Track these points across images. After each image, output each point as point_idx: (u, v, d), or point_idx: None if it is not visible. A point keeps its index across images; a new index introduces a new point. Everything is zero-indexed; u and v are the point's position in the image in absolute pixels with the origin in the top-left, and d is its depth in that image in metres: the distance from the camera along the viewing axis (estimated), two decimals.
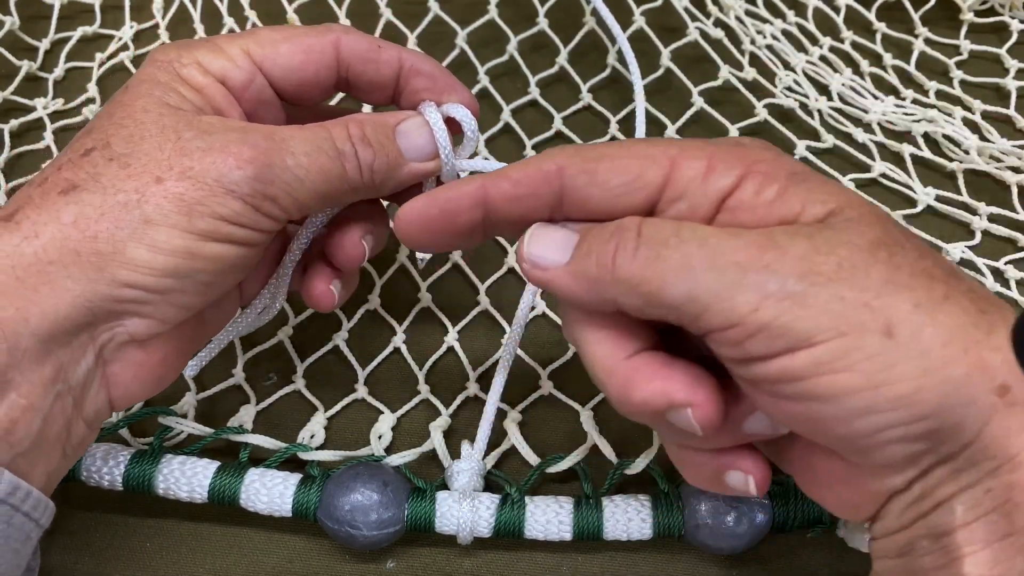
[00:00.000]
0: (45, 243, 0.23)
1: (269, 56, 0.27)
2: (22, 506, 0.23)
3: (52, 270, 0.23)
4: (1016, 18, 0.54)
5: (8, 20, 0.50)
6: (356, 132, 0.27)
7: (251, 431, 0.34)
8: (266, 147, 0.25)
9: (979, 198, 0.44)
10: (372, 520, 0.30)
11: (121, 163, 0.24)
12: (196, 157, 0.24)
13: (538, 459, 0.33)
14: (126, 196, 0.23)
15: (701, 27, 0.50)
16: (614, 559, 0.32)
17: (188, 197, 0.24)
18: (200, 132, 0.25)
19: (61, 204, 0.23)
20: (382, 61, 0.28)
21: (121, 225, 0.23)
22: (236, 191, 0.24)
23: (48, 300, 0.23)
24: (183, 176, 0.24)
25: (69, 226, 0.23)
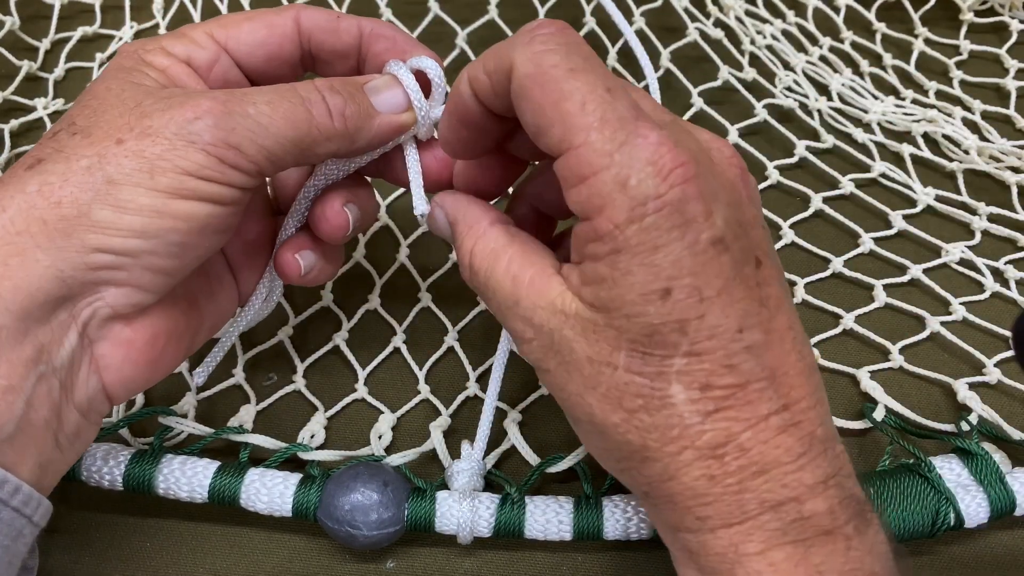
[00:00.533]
0: (12, 215, 0.23)
1: (232, 35, 0.28)
2: (11, 501, 0.22)
3: (20, 240, 0.22)
4: (1016, 18, 0.54)
5: (8, 20, 0.50)
6: (322, 84, 0.27)
7: (251, 431, 0.34)
8: (225, 98, 0.25)
9: (979, 198, 0.44)
10: (372, 520, 0.30)
11: (84, 134, 0.24)
12: (155, 116, 0.24)
13: (538, 459, 0.33)
14: (88, 160, 0.23)
15: (701, 27, 0.50)
16: (614, 559, 0.32)
17: (148, 153, 0.23)
18: (162, 98, 0.25)
19: (26, 177, 0.23)
20: (342, 30, 0.29)
21: (84, 188, 0.23)
22: (197, 141, 0.24)
23: (19, 272, 0.22)
24: (143, 134, 0.24)
25: (34, 195, 0.23)
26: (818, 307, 0.40)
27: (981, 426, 0.34)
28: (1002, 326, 0.39)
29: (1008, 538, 0.33)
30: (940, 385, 0.37)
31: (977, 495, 0.31)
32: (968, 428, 0.34)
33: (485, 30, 0.50)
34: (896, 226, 0.43)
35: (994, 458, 0.32)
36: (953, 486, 0.31)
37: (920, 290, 0.41)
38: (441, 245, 0.42)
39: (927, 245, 0.42)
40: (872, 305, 0.40)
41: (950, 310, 0.40)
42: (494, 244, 0.25)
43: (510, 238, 0.25)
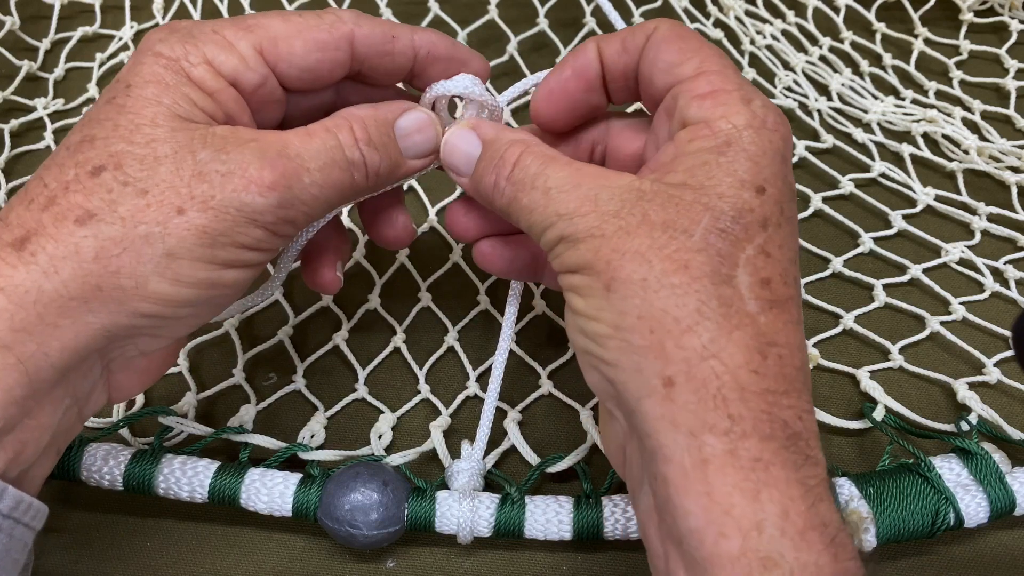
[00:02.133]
0: (66, 279, 0.22)
1: (284, 57, 0.26)
2: (23, 518, 0.23)
3: (73, 305, 0.22)
4: (1016, 18, 0.54)
5: (8, 20, 0.50)
6: (362, 135, 0.26)
7: (251, 431, 0.34)
8: (284, 169, 0.24)
9: (979, 198, 0.44)
10: (372, 520, 0.30)
11: (138, 190, 0.23)
12: (216, 183, 0.23)
13: (538, 459, 0.33)
14: (147, 228, 0.23)
15: (700, 28, 0.50)
16: (614, 559, 0.32)
17: (211, 228, 0.23)
18: (216, 151, 0.24)
19: (79, 236, 0.22)
20: (397, 52, 0.27)
21: (143, 259, 0.23)
22: (259, 220, 0.24)
23: (68, 333, 0.22)
24: (205, 206, 0.23)
25: (90, 262, 0.22)
26: (818, 307, 0.40)
27: (981, 426, 0.34)
28: (1002, 326, 0.39)
29: (1008, 538, 0.33)
30: (940, 385, 0.37)
31: (977, 495, 0.31)
32: (968, 428, 0.34)
33: (485, 30, 0.50)
34: (896, 226, 0.43)
35: (994, 458, 0.32)
36: (953, 486, 0.31)
37: (920, 290, 0.41)
38: (441, 245, 0.42)
39: (927, 245, 0.42)
40: (872, 305, 0.40)
41: (950, 310, 0.40)
42: (548, 150, 0.26)
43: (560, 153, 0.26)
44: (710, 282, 0.22)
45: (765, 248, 0.22)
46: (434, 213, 0.43)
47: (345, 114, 0.27)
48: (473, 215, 0.30)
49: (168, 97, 0.24)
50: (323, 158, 0.25)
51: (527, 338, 0.38)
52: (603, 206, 0.23)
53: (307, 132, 0.26)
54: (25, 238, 0.22)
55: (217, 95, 0.25)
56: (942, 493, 0.31)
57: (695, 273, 0.22)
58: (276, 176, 0.24)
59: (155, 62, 0.24)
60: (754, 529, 0.20)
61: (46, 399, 0.23)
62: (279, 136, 0.25)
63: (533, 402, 0.36)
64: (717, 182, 0.22)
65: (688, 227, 0.22)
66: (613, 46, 0.27)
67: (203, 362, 0.37)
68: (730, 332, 0.21)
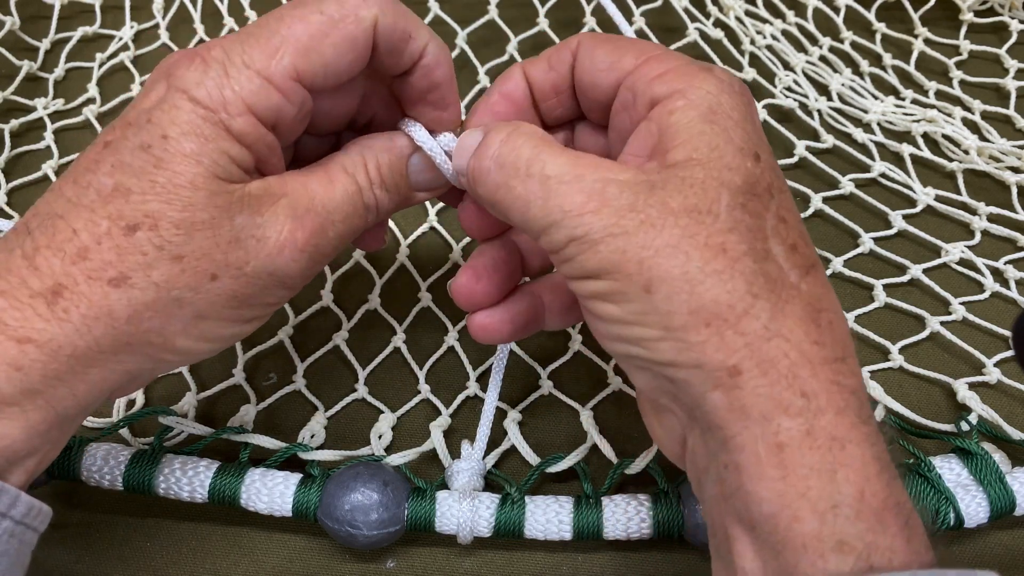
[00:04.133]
0: (98, 337, 0.23)
1: (320, 72, 0.24)
2: (33, 523, 0.24)
3: (103, 357, 0.23)
4: (1016, 18, 0.54)
5: (8, 20, 0.50)
6: (376, 178, 0.26)
7: (251, 431, 0.34)
8: (313, 227, 0.24)
9: (979, 198, 0.44)
10: (372, 520, 0.30)
11: (173, 255, 0.23)
12: (252, 249, 0.23)
13: (538, 459, 0.33)
14: (180, 293, 0.23)
15: (701, 27, 0.50)
16: (614, 559, 0.32)
17: (241, 293, 0.24)
18: (251, 214, 0.23)
19: (113, 299, 0.22)
20: (406, 53, 0.25)
21: (173, 320, 0.23)
22: (287, 282, 0.25)
23: (96, 378, 0.23)
24: (239, 274, 0.23)
25: (123, 323, 0.23)
26: None
27: (981, 426, 0.34)
28: (1002, 326, 0.39)
29: (1008, 538, 0.33)
30: (940, 385, 0.37)
31: (977, 495, 0.31)
32: (968, 428, 0.34)
33: (485, 30, 0.50)
34: (896, 226, 0.43)
35: (994, 458, 0.32)
36: (953, 486, 0.31)
37: (920, 290, 0.41)
38: (441, 245, 0.42)
39: (927, 245, 0.42)
40: (872, 305, 0.40)
41: (950, 310, 0.40)
42: (541, 132, 0.24)
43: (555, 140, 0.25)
44: (752, 260, 0.21)
45: (780, 214, 0.22)
46: (434, 213, 0.43)
47: (361, 148, 0.26)
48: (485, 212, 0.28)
49: (208, 157, 0.23)
50: (347, 209, 0.25)
51: (527, 338, 0.38)
52: (614, 200, 0.21)
53: (328, 178, 0.25)
54: (56, 291, 0.22)
55: (255, 146, 0.24)
56: (942, 493, 0.31)
57: (734, 254, 0.21)
58: (307, 236, 0.24)
59: (193, 111, 0.23)
60: (830, 511, 0.20)
61: (68, 428, 0.25)
62: (304, 185, 0.25)
63: (533, 402, 0.36)
64: (721, 152, 0.22)
65: (711, 207, 0.21)
66: (538, 66, 0.26)
67: (203, 362, 0.37)
68: (783, 307, 0.21)
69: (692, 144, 0.22)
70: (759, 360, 0.20)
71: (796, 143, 0.46)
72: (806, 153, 0.46)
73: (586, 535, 0.31)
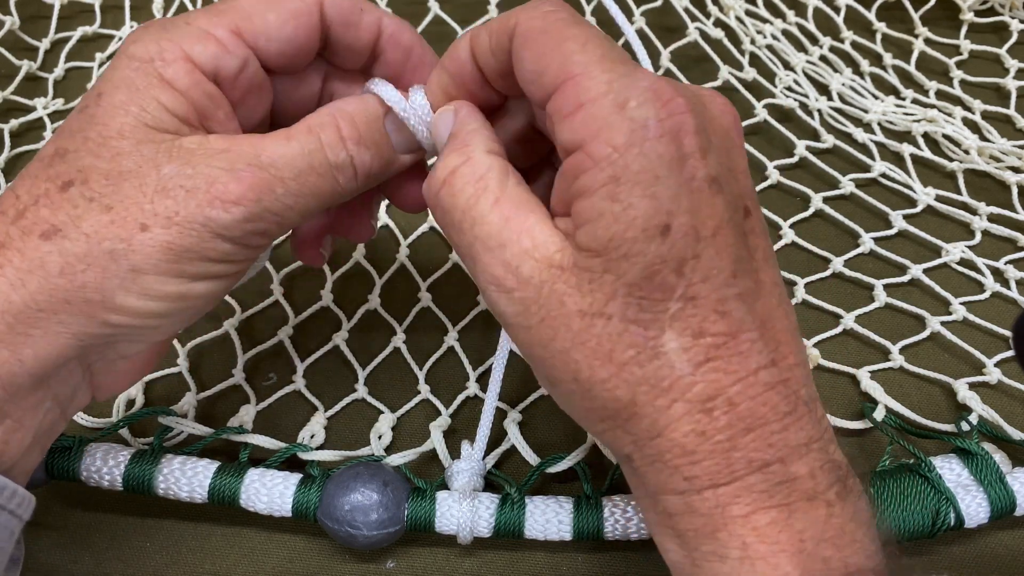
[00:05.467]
0: (33, 292, 0.22)
1: (261, 32, 0.24)
2: (8, 504, 0.23)
3: (42, 316, 0.22)
4: (1016, 18, 0.54)
5: (8, 20, 0.50)
6: (351, 133, 0.25)
7: (251, 431, 0.34)
8: (252, 180, 0.23)
9: (979, 198, 0.44)
10: (372, 520, 0.30)
11: (102, 206, 0.23)
12: (180, 198, 0.23)
13: (538, 459, 0.33)
14: (111, 244, 0.22)
15: (701, 27, 0.50)
16: (614, 559, 0.32)
17: (176, 244, 0.23)
18: (181, 164, 0.23)
19: (44, 251, 0.22)
20: (362, 25, 0.26)
21: (109, 275, 0.23)
22: (226, 234, 0.23)
23: (40, 342, 0.23)
24: (169, 223, 0.23)
25: (56, 277, 0.22)
26: (818, 307, 0.40)
27: (981, 426, 0.34)
28: (1002, 326, 0.39)
29: (1008, 538, 0.33)
30: (940, 385, 0.37)
31: (977, 495, 0.31)
32: (968, 428, 0.34)
33: None
34: (896, 226, 0.43)
35: (994, 458, 0.32)
36: (953, 486, 0.31)
37: (920, 290, 0.41)
38: (441, 245, 0.42)
39: (927, 245, 0.42)
40: (872, 305, 0.40)
41: (950, 310, 0.39)
42: (485, 171, 0.23)
43: (504, 173, 0.23)
44: (637, 366, 0.21)
45: (688, 293, 0.21)
46: None
47: (331, 109, 0.25)
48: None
49: (136, 104, 0.23)
50: (301, 163, 0.24)
51: None
52: (524, 284, 0.22)
53: (286, 135, 0.24)
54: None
55: (190, 92, 0.24)
56: (942, 493, 0.31)
57: (620, 359, 0.21)
58: (243, 189, 0.23)
59: (127, 65, 0.24)
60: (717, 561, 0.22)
61: (24, 403, 0.23)
62: (254, 143, 0.24)
63: (533, 402, 0.36)
64: (619, 241, 0.20)
65: (604, 308, 0.21)
66: (482, 45, 0.24)
67: (203, 362, 0.37)
68: (669, 407, 0.21)
69: (592, 230, 0.21)
70: (644, 455, 0.22)
71: (796, 143, 0.46)
72: (806, 153, 0.46)
73: (586, 535, 0.31)
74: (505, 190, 0.23)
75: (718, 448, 0.21)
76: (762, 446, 0.21)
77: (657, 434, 0.21)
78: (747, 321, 0.21)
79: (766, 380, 0.21)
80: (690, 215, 0.20)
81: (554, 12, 0.22)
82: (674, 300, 0.21)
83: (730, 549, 0.21)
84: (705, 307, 0.21)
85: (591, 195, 0.21)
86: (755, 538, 0.21)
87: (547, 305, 0.21)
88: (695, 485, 0.21)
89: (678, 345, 0.21)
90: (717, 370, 0.21)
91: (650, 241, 0.20)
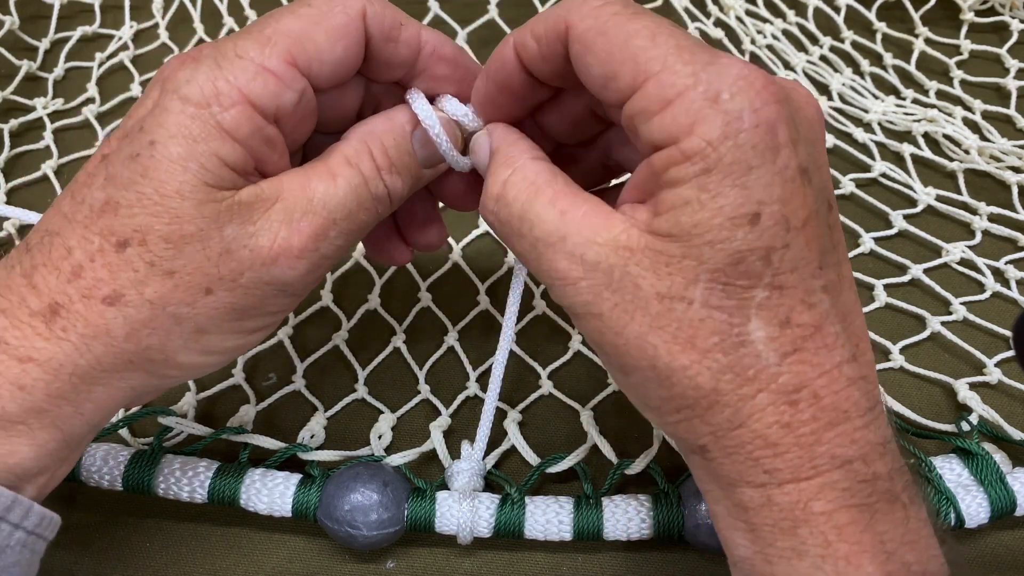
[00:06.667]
0: (98, 355, 0.23)
1: (314, 57, 0.23)
2: (44, 532, 0.24)
3: (105, 376, 0.23)
4: (1016, 18, 0.54)
5: (8, 20, 0.50)
6: (383, 163, 0.25)
7: (251, 431, 0.34)
8: (310, 231, 0.23)
9: (979, 198, 0.44)
10: (372, 520, 0.30)
11: (164, 271, 0.22)
12: (245, 260, 0.23)
13: (538, 459, 0.33)
14: (175, 309, 0.23)
15: (701, 27, 0.50)
16: (614, 559, 0.32)
17: (239, 305, 0.23)
18: (242, 223, 0.23)
19: (108, 318, 0.22)
20: (403, 41, 0.25)
21: (172, 336, 0.23)
22: (288, 290, 0.24)
23: (101, 397, 0.23)
24: (234, 286, 0.23)
25: (121, 341, 0.23)
26: None
27: (981, 426, 0.34)
28: (1003, 326, 0.39)
29: (1008, 538, 0.33)
30: (940, 385, 0.37)
31: (977, 495, 0.31)
32: (968, 428, 0.34)
33: (485, 30, 0.50)
34: (896, 226, 0.43)
35: (994, 458, 0.32)
36: (953, 486, 0.31)
37: (920, 290, 0.41)
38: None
39: (927, 245, 0.42)
40: (872, 305, 0.40)
41: (950, 310, 0.39)
42: (535, 177, 0.23)
43: (553, 175, 0.23)
44: (722, 353, 0.20)
45: (775, 283, 0.20)
46: None
47: (362, 135, 0.25)
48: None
49: (195, 162, 0.22)
50: (351, 203, 0.24)
51: (527, 338, 0.38)
52: (592, 271, 0.21)
53: (329, 172, 0.24)
54: (54, 310, 0.22)
55: (249, 142, 0.23)
56: (943, 493, 0.31)
57: (704, 346, 0.20)
58: (305, 241, 0.23)
59: (182, 111, 0.22)
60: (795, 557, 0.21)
61: (79, 447, 0.25)
62: (303, 185, 0.23)
63: (533, 402, 0.36)
64: (704, 228, 0.20)
65: (685, 292, 0.20)
66: (530, 51, 0.23)
67: None
68: (753, 396, 0.21)
69: (675, 217, 0.20)
70: (723, 446, 0.21)
71: None
72: None
73: (586, 536, 0.31)
74: (556, 187, 0.23)
75: (802, 441, 0.21)
76: (845, 442, 0.21)
77: (739, 424, 0.21)
78: (832, 314, 0.21)
79: (849, 375, 0.21)
80: (782, 204, 0.20)
81: (606, 6, 0.21)
82: (761, 288, 0.20)
83: (810, 546, 0.21)
84: (793, 296, 0.20)
85: (680, 185, 0.20)
86: (836, 536, 0.20)
87: (621, 289, 0.21)
88: (776, 478, 0.21)
89: (765, 334, 0.20)
90: (803, 362, 0.20)
91: (738, 228, 0.20)
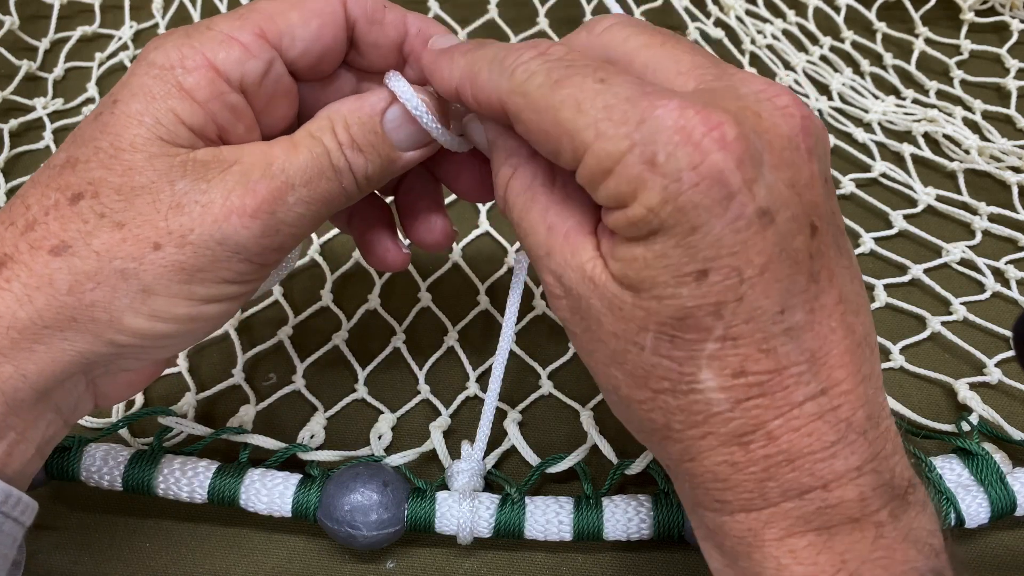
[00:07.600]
0: (40, 308, 0.22)
1: (285, 31, 0.24)
2: (12, 512, 0.23)
3: (47, 332, 0.22)
4: (1016, 18, 0.54)
5: (8, 20, 0.50)
6: (345, 139, 0.24)
7: (251, 431, 0.34)
8: (267, 191, 0.23)
9: (979, 198, 0.44)
10: (372, 520, 0.30)
11: (114, 222, 0.22)
12: (196, 215, 0.22)
13: (538, 459, 0.33)
14: (122, 263, 0.22)
15: (701, 27, 0.50)
16: (614, 560, 0.32)
17: (189, 265, 0.22)
18: (195, 179, 0.22)
19: (53, 267, 0.22)
20: (387, 23, 0.25)
21: (118, 294, 0.22)
22: (241, 252, 0.23)
23: (44, 358, 0.22)
24: (183, 241, 0.22)
25: (64, 294, 0.22)
26: None
27: (982, 426, 0.34)
28: (1003, 326, 0.39)
29: (1008, 538, 0.33)
30: (940, 385, 0.37)
31: (978, 495, 0.31)
32: (969, 428, 0.34)
33: (485, 30, 0.50)
34: (897, 226, 0.43)
35: (995, 458, 0.32)
36: (953, 486, 0.31)
37: (921, 290, 0.41)
38: None
39: (928, 245, 0.42)
40: (873, 305, 0.40)
41: (951, 310, 0.39)
42: (532, 180, 0.23)
43: (551, 176, 0.23)
44: (671, 397, 0.21)
45: (728, 335, 0.20)
46: None
47: (328, 112, 0.25)
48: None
49: (151, 116, 0.22)
50: (310, 170, 0.24)
51: (527, 338, 0.38)
52: (568, 293, 0.22)
53: (292, 142, 0.24)
54: (2, 262, 0.22)
55: (210, 104, 0.23)
56: (943, 493, 0.31)
57: (655, 387, 0.21)
58: (258, 202, 0.23)
59: (146, 72, 0.23)
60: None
61: (27, 416, 0.23)
62: (264, 152, 0.23)
63: (533, 402, 0.36)
64: (651, 284, 0.20)
65: (636, 338, 0.20)
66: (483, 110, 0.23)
67: (203, 362, 0.37)
68: (703, 438, 0.21)
69: (625, 268, 0.20)
70: (679, 474, 0.23)
71: None
72: None
73: (586, 536, 0.31)
74: (551, 195, 0.23)
75: (752, 477, 0.21)
76: (802, 475, 0.21)
77: (690, 459, 0.22)
78: (794, 355, 0.20)
79: (812, 411, 0.20)
80: (732, 257, 0.19)
81: (531, 77, 0.21)
82: (712, 341, 0.20)
83: (767, 568, 0.21)
84: (748, 346, 0.20)
85: (630, 243, 0.20)
86: (791, 560, 0.21)
87: (587, 318, 0.22)
88: (727, 508, 0.22)
89: (716, 384, 0.20)
90: (759, 406, 0.20)
91: (683, 286, 0.19)
